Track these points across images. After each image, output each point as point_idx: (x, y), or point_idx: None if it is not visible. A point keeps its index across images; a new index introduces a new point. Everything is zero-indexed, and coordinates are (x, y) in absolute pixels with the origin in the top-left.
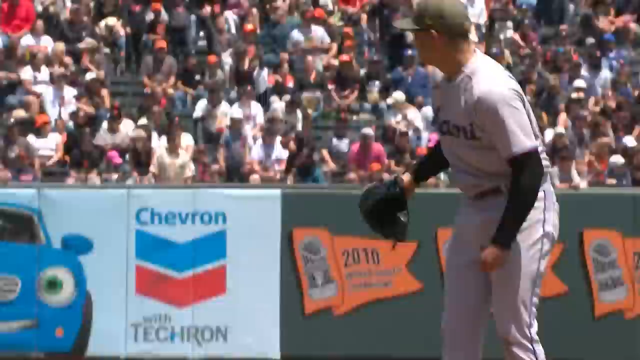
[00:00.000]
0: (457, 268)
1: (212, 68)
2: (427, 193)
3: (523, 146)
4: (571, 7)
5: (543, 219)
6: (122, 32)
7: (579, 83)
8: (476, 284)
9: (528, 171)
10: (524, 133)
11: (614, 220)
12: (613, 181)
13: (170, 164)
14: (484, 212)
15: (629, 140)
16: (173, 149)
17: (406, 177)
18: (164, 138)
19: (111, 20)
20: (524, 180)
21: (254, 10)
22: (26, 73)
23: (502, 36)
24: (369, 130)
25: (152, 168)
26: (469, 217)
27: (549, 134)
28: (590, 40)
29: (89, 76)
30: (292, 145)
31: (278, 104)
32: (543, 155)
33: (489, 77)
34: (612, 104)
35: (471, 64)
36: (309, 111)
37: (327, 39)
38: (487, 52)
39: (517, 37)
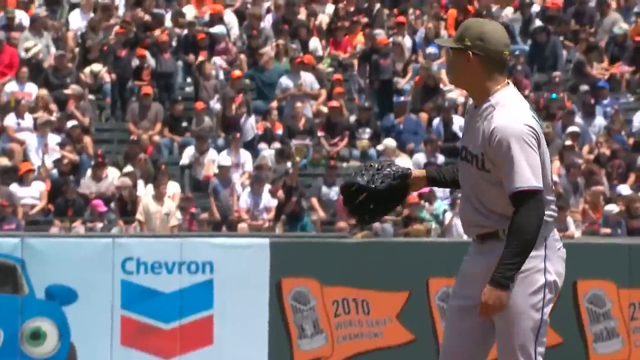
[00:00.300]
0: (457, 312)
1: (199, 115)
2: (418, 242)
3: (528, 183)
4: (564, 53)
5: (544, 268)
6: (107, 78)
7: (573, 130)
8: (475, 329)
9: (528, 210)
10: (532, 171)
11: (609, 271)
12: (608, 230)
13: (156, 212)
14: (485, 257)
15: (624, 189)
16: (159, 197)
17: (418, 172)
18: (150, 186)
19: (96, 67)
20: (524, 218)
21: (242, 57)
22: (10, 120)
23: None
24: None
25: (138, 216)
26: (472, 262)
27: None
28: (584, 87)
29: (73, 123)
30: (280, 193)
31: (267, 152)
32: (552, 206)
33: (510, 111)
34: (607, 151)
35: (499, 95)
36: (297, 159)
37: (317, 85)
38: None
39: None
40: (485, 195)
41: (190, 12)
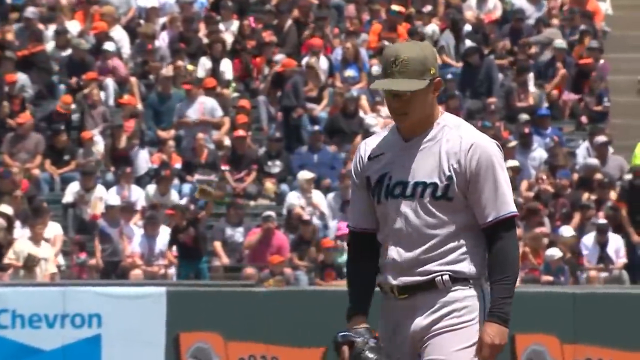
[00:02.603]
0: None
1: (86, 146)
2: (336, 291)
3: (513, 209)
4: (500, 77)
5: (481, 321)
6: None
7: (510, 164)
8: None
9: (513, 238)
10: (510, 196)
11: (552, 324)
12: (550, 278)
13: (33, 257)
14: (426, 314)
15: (567, 231)
16: (36, 239)
17: (365, 321)
18: (27, 227)
19: None
20: (511, 246)
21: (134, 79)
22: None
23: None
24: (270, 214)
25: (8, 260)
26: (406, 317)
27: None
28: (523, 115)
29: None
30: (177, 219)
31: (160, 188)
32: None
33: (473, 130)
34: (549, 188)
35: (446, 118)
36: (196, 194)
37: (220, 113)
38: None
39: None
40: (438, 230)
41: (74, 28)
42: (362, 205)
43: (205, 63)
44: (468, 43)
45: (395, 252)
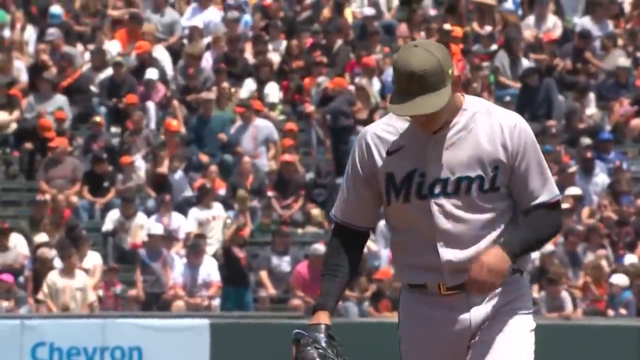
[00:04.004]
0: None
1: (126, 171)
2: (390, 323)
3: (557, 193)
4: (561, 99)
5: (532, 312)
6: (13, 127)
7: (571, 190)
8: None
9: (560, 217)
10: (552, 179)
11: (615, 358)
12: (613, 311)
13: (64, 289)
14: (484, 304)
15: (632, 259)
16: (68, 269)
17: (326, 318)
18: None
19: (1, 115)
20: (558, 219)
21: (176, 102)
22: None
23: None
24: (318, 247)
25: (41, 296)
26: (451, 320)
27: (535, 253)
28: (585, 139)
29: None
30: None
31: (205, 215)
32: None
33: (509, 112)
34: (612, 215)
35: (472, 101)
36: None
37: (276, 137)
38: None
39: None
40: (486, 224)
41: (114, 48)
42: (359, 202)
43: (250, 85)
44: (525, 63)
45: (449, 254)
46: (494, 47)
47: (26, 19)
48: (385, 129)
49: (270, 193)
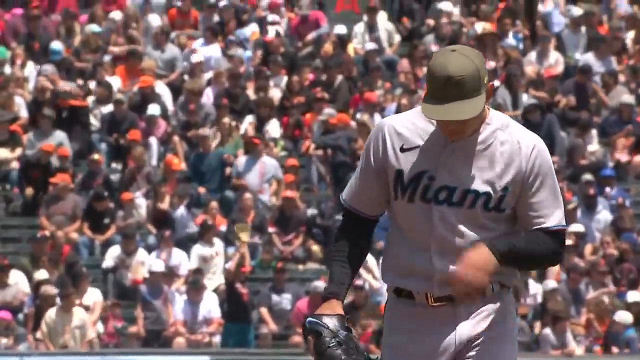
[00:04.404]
0: None
1: (126, 207)
2: None
3: (564, 223)
4: (563, 135)
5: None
6: (14, 164)
7: (573, 227)
8: None
9: (563, 249)
10: (562, 209)
11: None
12: (617, 348)
13: (62, 327)
14: (472, 321)
15: (634, 296)
16: (66, 307)
17: (341, 309)
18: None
19: (1, 152)
20: (558, 248)
21: (176, 138)
22: None
23: None
24: (318, 284)
25: (39, 335)
26: (436, 334)
27: (538, 290)
28: (587, 175)
29: None
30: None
31: (206, 251)
32: None
33: (528, 132)
34: (614, 252)
35: (495, 116)
36: (243, 238)
37: (281, 175)
38: None
39: None
40: (475, 242)
41: (114, 84)
42: (372, 193)
43: (251, 120)
44: (527, 99)
45: (443, 264)
46: (495, 83)
47: (27, 55)
48: (404, 125)
49: (271, 229)
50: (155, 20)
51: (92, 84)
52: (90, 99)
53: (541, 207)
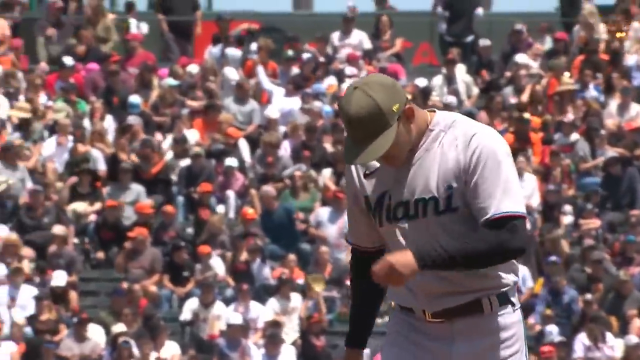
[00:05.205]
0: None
1: (203, 260)
2: None
3: (519, 209)
4: None
5: (525, 350)
6: (92, 217)
7: None
8: None
9: (517, 237)
10: (518, 194)
11: None
12: None
13: None
14: (469, 341)
15: None
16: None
17: (360, 357)
18: (147, 346)
19: (80, 205)
20: (508, 237)
21: (254, 191)
22: None
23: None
24: None
25: None
26: (433, 349)
27: (619, 345)
28: None
29: (57, 276)
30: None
31: (283, 303)
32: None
33: (475, 123)
34: None
35: (439, 119)
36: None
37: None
38: (541, 242)
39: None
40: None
41: (192, 138)
42: (361, 225)
43: (329, 173)
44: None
45: (419, 276)
46: (574, 135)
47: (105, 108)
48: None
49: (349, 283)
50: (232, 73)
51: (168, 138)
52: (168, 155)
53: (485, 197)
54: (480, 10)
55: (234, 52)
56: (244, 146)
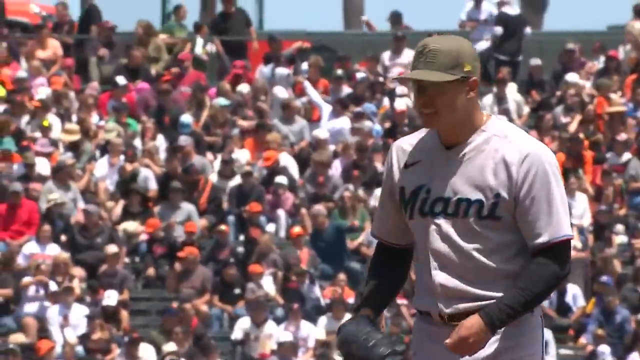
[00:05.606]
0: None
1: (255, 279)
2: None
3: (567, 232)
4: None
5: (541, 354)
6: (143, 237)
7: None
8: None
9: (565, 263)
10: (567, 216)
11: None
12: None
13: None
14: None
15: None
16: None
17: (363, 314)
18: None
19: (131, 225)
20: (558, 268)
21: (304, 210)
22: (28, 288)
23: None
24: None
25: None
26: (450, 354)
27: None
28: None
29: (107, 297)
30: None
31: (334, 323)
32: None
33: (529, 138)
34: None
35: (494, 124)
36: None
37: None
38: (593, 262)
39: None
40: (484, 252)
41: (243, 157)
42: (392, 220)
43: (379, 193)
44: None
45: (442, 277)
46: (626, 154)
47: (157, 128)
48: (410, 142)
49: (399, 301)
50: (281, 92)
51: (218, 159)
52: (215, 177)
53: (537, 221)
54: (528, 30)
55: (284, 71)
56: (292, 165)
